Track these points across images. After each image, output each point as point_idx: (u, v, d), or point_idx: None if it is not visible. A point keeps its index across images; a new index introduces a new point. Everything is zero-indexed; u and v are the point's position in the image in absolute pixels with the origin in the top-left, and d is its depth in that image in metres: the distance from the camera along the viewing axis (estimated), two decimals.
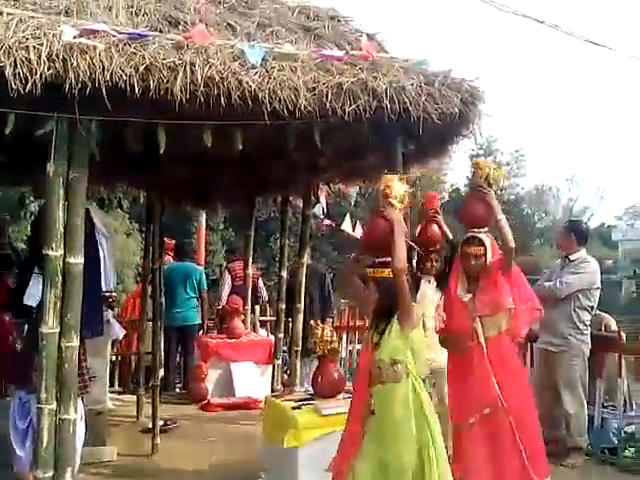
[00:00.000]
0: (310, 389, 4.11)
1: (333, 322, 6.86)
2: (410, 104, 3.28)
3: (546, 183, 45.27)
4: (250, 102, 3.03)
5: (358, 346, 7.89)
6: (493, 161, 4.14)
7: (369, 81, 3.26)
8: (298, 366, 5.34)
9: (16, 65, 2.63)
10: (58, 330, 3.09)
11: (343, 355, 7.42)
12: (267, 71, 3.10)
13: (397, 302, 2.80)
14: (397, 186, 2.97)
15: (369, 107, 3.22)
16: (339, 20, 4.18)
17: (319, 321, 4.23)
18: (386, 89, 3.24)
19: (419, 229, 4.39)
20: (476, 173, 3.65)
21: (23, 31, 2.73)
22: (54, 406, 3.12)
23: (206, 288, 7.82)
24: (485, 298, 3.49)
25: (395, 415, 2.78)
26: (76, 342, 3.15)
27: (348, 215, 7.01)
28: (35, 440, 3.20)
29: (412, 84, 3.34)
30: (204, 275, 7.98)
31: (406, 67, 3.51)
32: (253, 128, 3.39)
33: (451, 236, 4.23)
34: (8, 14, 2.83)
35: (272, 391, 5.98)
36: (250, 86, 3.00)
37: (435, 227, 4.29)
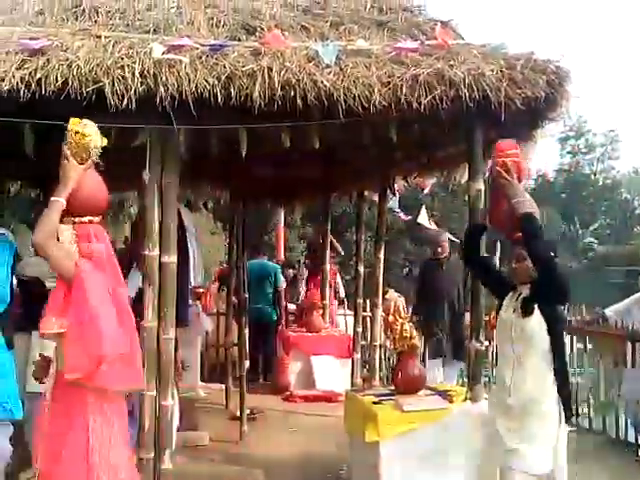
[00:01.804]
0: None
1: None
2: (490, 91, 3.22)
3: None
4: (325, 101, 3.12)
5: None
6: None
7: (445, 71, 3.22)
8: (377, 361, 5.40)
9: (114, 83, 2.87)
10: (156, 324, 3.34)
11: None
12: (341, 69, 3.18)
13: None
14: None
15: (446, 97, 3.19)
16: (412, 11, 4.18)
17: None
18: (464, 77, 3.19)
19: None
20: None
21: (118, 51, 2.97)
22: (154, 393, 3.36)
23: (283, 284, 8.06)
24: None
25: None
26: (172, 334, 3.40)
27: (424, 208, 7.05)
28: (138, 424, 3.46)
29: (492, 70, 3.27)
30: (280, 272, 8.23)
31: (484, 53, 3.44)
32: (329, 126, 3.54)
33: None
34: (105, 37, 3.09)
35: (352, 385, 6.11)
36: (325, 85, 3.09)
37: None
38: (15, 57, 2.86)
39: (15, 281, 3.87)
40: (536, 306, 2.89)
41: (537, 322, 2.89)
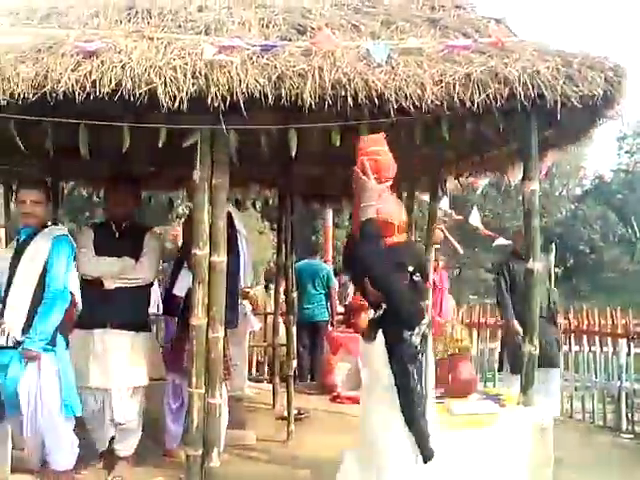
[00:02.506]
0: None
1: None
2: (546, 89, 3.14)
3: None
4: (376, 100, 3.10)
5: (490, 344, 7.77)
6: None
7: (499, 68, 3.16)
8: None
9: (166, 84, 2.90)
10: (205, 322, 3.37)
11: (474, 353, 7.30)
12: (392, 68, 3.15)
13: None
14: None
15: (500, 95, 3.13)
16: (464, 8, 4.13)
17: None
18: (519, 75, 3.13)
19: None
20: None
21: (170, 52, 3.01)
22: (203, 390, 3.39)
23: (333, 285, 8.06)
24: None
25: None
26: (221, 333, 3.42)
27: (475, 208, 6.93)
28: (186, 420, 3.50)
29: (547, 67, 3.19)
30: (331, 272, 8.21)
31: (539, 50, 3.36)
32: (380, 125, 3.51)
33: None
34: (158, 38, 3.13)
35: None
36: (376, 85, 3.07)
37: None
38: (70, 59, 2.92)
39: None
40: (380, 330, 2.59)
41: (380, 348, 2.58)
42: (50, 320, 3.54)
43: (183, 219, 4.29)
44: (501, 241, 7.78)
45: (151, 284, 4.39)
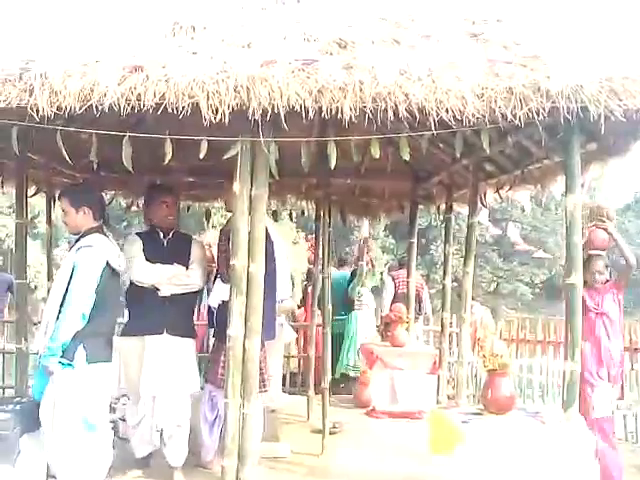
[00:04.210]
0: None
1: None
2: (589, 102, 3.09)
3: None
4: (417, 113, 3.09)
5: (529, 360, 7.65)
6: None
7: (541, 82, 3.13)
8: (464, 378, 5.28)
9: (208, 97, 2.94)
10: (242, 333, 3.39)
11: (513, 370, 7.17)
12: (433, 81, 3.13)
13: None
14: None
15: (542, 109, 3.09)
16: (506, 22, 4.12)
17: None
18: (561, 89, 3.09)
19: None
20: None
21: (213, 66, 3.05)
22: (238, 401, 3.40)
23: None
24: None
25: None
26: (258, 344, 3.44)
27: (511, 223, 6.86)
28: (222, 431, 3.51)
29: (591, 81, 3.14)
30: None
31: (583, 63, 3.31)
32: (420, 138, 3.50)
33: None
34: (201, 53, 3.18)
35: (437, 403, 5.97)
36: (417, 98, 3.05)
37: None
38: (116, 73, 2.98)
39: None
40: None
41: None
42: (60, 335, 3.41)
43: (218, 229, 4.33)
44: (540, 254, 7.68)
45: (198, 291, 4.44)
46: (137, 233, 4.49)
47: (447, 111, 3.07)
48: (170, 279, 4.17)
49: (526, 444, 3.43)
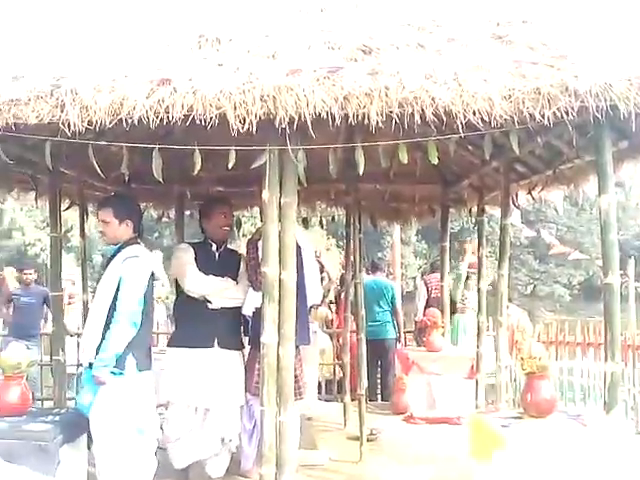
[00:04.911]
0: None
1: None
2: (619, 100, 3.03)
3: None
4: (444, 117, 3.07)
5: (569, 362, 7.52)
6: None
7: (569, 81, 3.09)
8: (503, 383, 5.22)
9: (235, 108, 2.97)
10: (276, 340, 3.40)
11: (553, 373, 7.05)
12: (459, 85, 3.12)
13: None
14: None
15: (571, 109, 3.05)
16: (532, 23, 4.09)
17: None
18: (590, 88, 3.04)
19: None
20: None
21: (239, 77, 3.08)
22: (274, 409, 3.41)
23: (399, 302, 7.99)
24: None
25: None
26: (292, 351, 3.44)
27: (542, 230, 6.78)
28: (259, 440, 3.52)
29: (620, 79, 3.08)
30: (396, 289, 8.14)
31: (611, 61, 3.26)
32: (448, 141, 3.49)
33: None
34: (227, 64, 3.21)
35: (476, 407, 5.91)
36: (443, 101, 3.04)
37: None
38: (145, 87, 3.03)
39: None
40: None
41: None
42: (112, 345, 3.48)
43: (247, 238, 4.37)
44: (576, 255, 7.58)
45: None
46: (189, 243, 4.54)
47: (474, 113, 3.05)
48: (222, 292, 4.21)
49: (568, 447, 3.37)
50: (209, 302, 4.22)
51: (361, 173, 3.44)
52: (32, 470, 3.28)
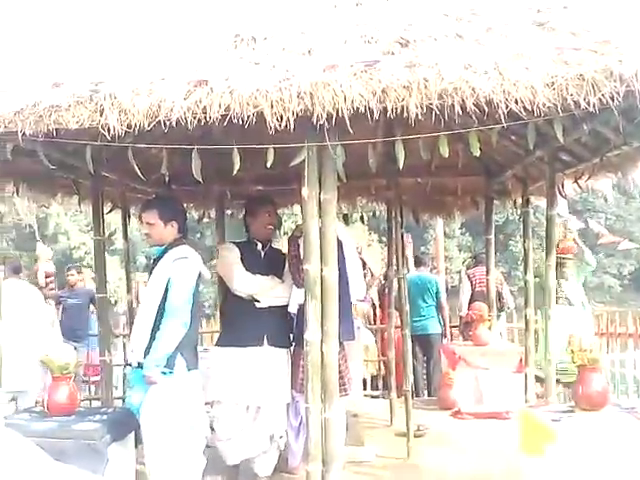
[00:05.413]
0: None
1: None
2: None
3: None
4: (485, 107, 3.00)
5: (621, 355, 7.33)
6: None
7: (614, 66, 2.98)
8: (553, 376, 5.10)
9: (272, 106, 2.95)
10: (319, 337, 3.38)
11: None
12: (500, 73, 3.04)
13: None
14: None
15: (617, 94, 2.94)
16: (573, 9, 3.98)
17: None
18: (635, 72, 2.93)
19: None
20: None
21: (275, 75, 3.06)
22: (319, 406, 3.39)
23: (444, 296, 7.91)
24: None
25: None
26: (335, 347, 3.42)
27: (590, 220, 6.61)
28: (306, 437, 3.52)
29: None
30: (440, 283, 8.05)
31: None
32: (490, 132, 3.41)
33: None
34: (263, 62, 3.20)
35: (525, 402, 5.81)
36: (484, 91, 2.97)
37: None
38: (182, 89, 3.04)
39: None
40: None
41: None
42: (163, 345, 3.53)
43: (287, 236, 4.37)
44: (626, 245, 7.35)
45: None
46: (233, 242, 4.57)
47: (516, 102, 2.97)
48: (268, 291, 4.23)
49: (621, 441, 3.29)
50: (257, 301, 4.25)
51: (401, 167, 3.39)
52: (81, 469, 3.33)
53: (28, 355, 4.76)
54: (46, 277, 6.85)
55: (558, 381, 6.69)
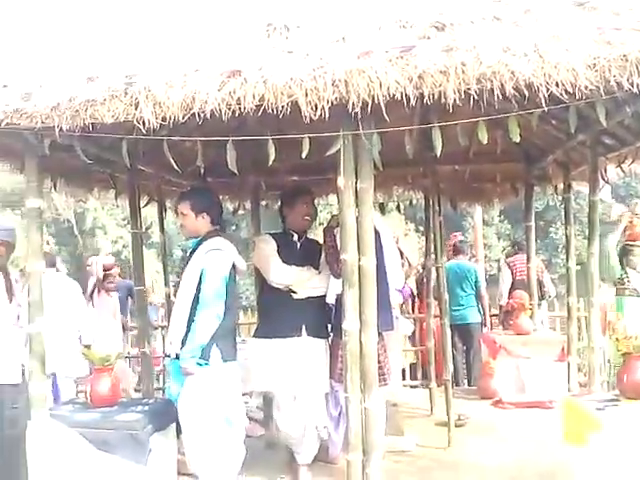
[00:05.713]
0: None
1: None
2: None
3: None
4: (525, 91, 2.93)
5: None
6: None
7: None
8: (596, 364, 5.00)
9: (307, 94, 2.91)
10: (358, 327, 3.36)
11: None
12: (540, 56, 2.94)
13: None
14: None
15: None
16: None
17: None
18: None
19: None
20: None
21: (309, 63, 3.02)
22: (359, 396, 3.38)
23: (483, 285, 7.81)
24: None
25: None
26: (374, 337, 3.39)
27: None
28: (346, 427, 3.51)
29: None
30: (480, 272, 7.94)
31: None
32: (530, 116, 3.33)
33: None
34: (297, 51, 3.16)
35: (568, 391, 5.71)
36: (524, 75, 2.89)
37: None
38: (215, 80, 3.03)
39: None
40: None
41: None
42: (198, 336, 3.56)
43: (323, 226, 4.35)
44: None
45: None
46: (269, 234, 4.58)
47: (557, 85, 2.88)
48: (305, 282, 4.23)
49: None
50: (294, 292, 4.25)
51: (439, 154, 3.32)
52: (124, 459, 3.39)
53: (68, 342, 4.89)
54: (105, 270, 6.97)
55: None
